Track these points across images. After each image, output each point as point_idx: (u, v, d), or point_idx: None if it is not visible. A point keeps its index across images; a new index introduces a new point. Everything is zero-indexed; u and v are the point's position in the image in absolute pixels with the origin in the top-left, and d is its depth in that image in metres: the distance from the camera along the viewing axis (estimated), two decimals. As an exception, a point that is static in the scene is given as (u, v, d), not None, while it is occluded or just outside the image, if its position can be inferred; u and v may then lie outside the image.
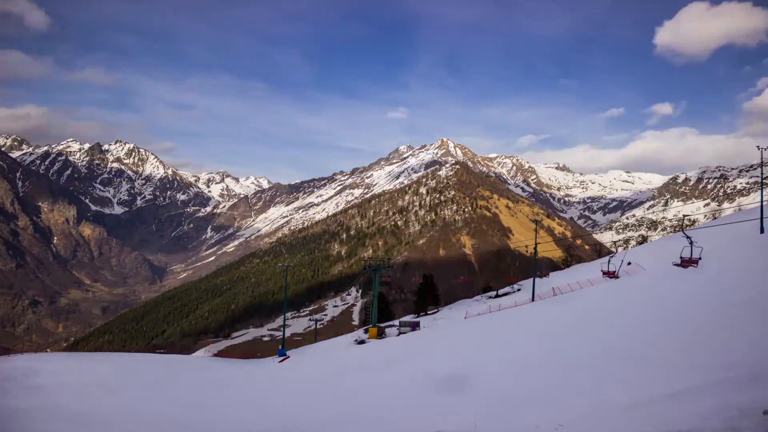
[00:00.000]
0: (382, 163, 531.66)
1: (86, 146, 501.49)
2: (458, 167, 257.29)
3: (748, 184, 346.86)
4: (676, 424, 6.75)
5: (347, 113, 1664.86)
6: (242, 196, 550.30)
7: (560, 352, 18.15)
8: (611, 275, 30.73)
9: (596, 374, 13.40)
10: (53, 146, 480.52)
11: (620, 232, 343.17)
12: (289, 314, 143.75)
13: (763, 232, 29.23)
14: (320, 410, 16.98)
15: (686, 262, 22.96)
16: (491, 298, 48.68)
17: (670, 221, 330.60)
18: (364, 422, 14.00)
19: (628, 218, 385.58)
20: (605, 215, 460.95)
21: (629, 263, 34.33)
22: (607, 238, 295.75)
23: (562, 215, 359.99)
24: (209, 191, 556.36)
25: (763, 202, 30.32)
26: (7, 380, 20.59)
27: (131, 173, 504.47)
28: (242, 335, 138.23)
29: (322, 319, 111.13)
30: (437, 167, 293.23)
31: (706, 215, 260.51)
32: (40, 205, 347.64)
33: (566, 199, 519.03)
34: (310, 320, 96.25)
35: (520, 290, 47.86)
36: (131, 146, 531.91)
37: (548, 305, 33.16)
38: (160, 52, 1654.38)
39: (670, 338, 15.11)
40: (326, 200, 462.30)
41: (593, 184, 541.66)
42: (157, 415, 16.79)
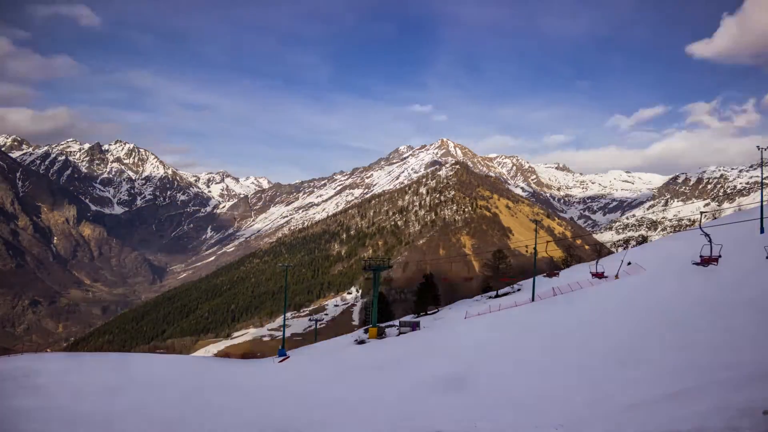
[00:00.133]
0: (382, 163, 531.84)
1: (86, 146, 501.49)
2: (458, 167, 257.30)
3: (748, 184, 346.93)
4: (676, 423, 6.76)
5: (360, 113, 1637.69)
6: (242, 196, 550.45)
7: (560, 352, 18.15)
8: (600, 276, 31.58)
9: (596, 374, 13.40)
10: (53, 146, 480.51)
11: (620, 232, 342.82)
12: (289, 314, 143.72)
13: (763, 232, 29.24)
14: (320, 410, 16.98)
15: (706, 260, 22.37)
16: (491, 298, 48.68)
17: (670, 221, 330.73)
18: (364, 422, 14.00)
19: (628, 218, 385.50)
20: (605, 215, 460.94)
21: (629, 263, 34.34)
22: (607, 238, 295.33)
23: (562, 215, 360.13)
24: (209, 191, 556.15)
25: (763, 202, 30.33)
26: (7, 380, 20.60)
27: (131, 173, 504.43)
28: (242, 335, 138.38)
29: (322, 319, 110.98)
30: (437, 167, 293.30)
31: (706, 215, 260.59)
32: (40, 205, 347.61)
33: (566, 199, 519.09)
34: (310, 320, 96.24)
35: (520, 290, 47.86)
36: (131, 146, 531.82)
37: (548, 305, 33.18)
38: (176, 52, 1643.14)
39: (670, 338, 15.11)
40: (326, 200, 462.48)
41: (593, 184, 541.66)
42: (157, 415, 16.79)
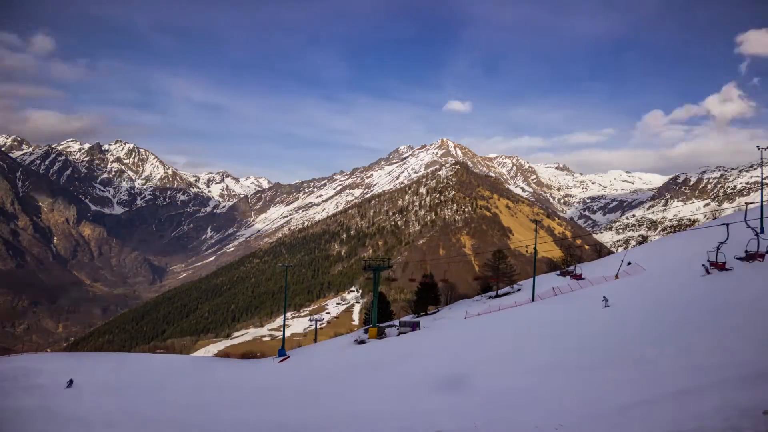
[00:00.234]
0: (382, 163, 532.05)
1: (86, 146, 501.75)
2: (458, 167, 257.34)
3: (748, 184, 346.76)
4: (676, 424, 6.75)
5: (374, 112, 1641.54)
6: (242, 196, 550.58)
7: (560, 352, 18.14)
8: (578, 277, 36.27)
9: (596, 374, 13.39)
10: (53, 146, 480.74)
11: (620, 232, 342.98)
12: (289, 314, 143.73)
13: (763, 231, 29.22)
14: (320, 410, 16.98)
15: (753, 256, 21.15)
16: (491, 298, 48.67)
17: (670, 221, 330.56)
18: (364, 422, 13.99)
19: (628, 218, 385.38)
20: (605, 215, 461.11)
21: (629, 263, 34.38)
22: (607, 238, 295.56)
23: (562, 215, 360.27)
24: (209, 191, 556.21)
25: (763, 202, 30.33)
26: (7, 380, 20.61)
27: (131, 173, 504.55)
28: (242, 335, 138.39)
29: (322, 319, 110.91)
30: (437, 167, 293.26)
31: (706, 215, 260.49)
32: (40, 205, 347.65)
33: (566, 199, 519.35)
34: (310, 320, 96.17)
35: (520, 290, 47.86)
36: (131, 146, 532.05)
37: (548, 305, 33.18)
38: (194, 52, 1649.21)
39: (670, 338, 15.10)
40: (326, 200, 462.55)
41: (593, 184, 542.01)
42: (157, 415, 16.79)
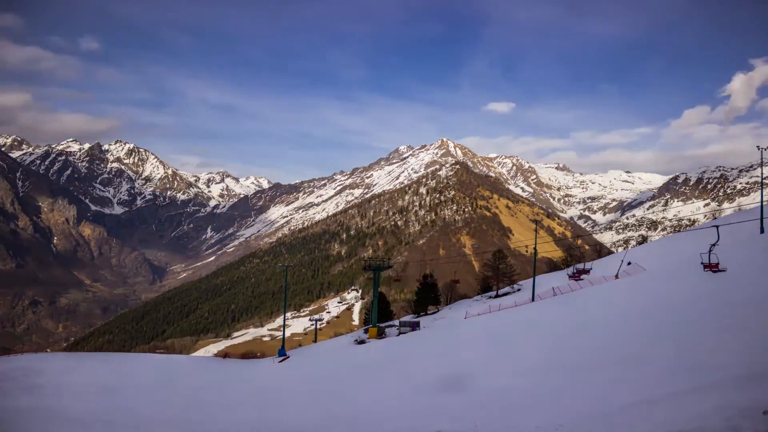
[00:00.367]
0: (382, 163, 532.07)
1: (86, 146, 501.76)
2: (458, 167, 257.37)
3: (748, 184, 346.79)
4: (676, 424, 6.75)
5: (390, 113, 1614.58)
6: (242, 196, 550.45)
7: (560, 352, 18.14)
8: (578, 277, 36.50)
9: (596, 374, 13.38)
10: (53, 146, 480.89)
11: (620, 232, 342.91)
12: (289, 314, 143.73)
13: (763, 232, 29.22)
14: (320, 410, 16.98)
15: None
16: (491, 298, 48.64)
17: (670, 221, 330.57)
18: (364, 422, 13.99)
19: (628, 218, 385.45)
20: (605, 215, 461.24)
21: (629, 263, 34.39)
22: (607, 238, 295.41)
23: (562, 215, 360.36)
24: (209, 191, 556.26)
25: (763, 202, 30.32)
26: (7, 380, 20.59)
27: (131, 173, 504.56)
28: (242, 335, 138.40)
29: (322, 319, 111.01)
30: (437, 167, 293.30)
31: (706, 215, 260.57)
32: (40, 205, 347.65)
33: (566, 199, 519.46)
34: (310, 320, 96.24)
35: (520, 290, 47.81)
36: (131, 146, 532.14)
37: (548, 305, 33.16)
38: (211, 52, 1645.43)
39: (670, 338, 15.09)
40: (326, 200, 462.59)
41: (593, 184, 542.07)
42: (156, 415, 16.79)
